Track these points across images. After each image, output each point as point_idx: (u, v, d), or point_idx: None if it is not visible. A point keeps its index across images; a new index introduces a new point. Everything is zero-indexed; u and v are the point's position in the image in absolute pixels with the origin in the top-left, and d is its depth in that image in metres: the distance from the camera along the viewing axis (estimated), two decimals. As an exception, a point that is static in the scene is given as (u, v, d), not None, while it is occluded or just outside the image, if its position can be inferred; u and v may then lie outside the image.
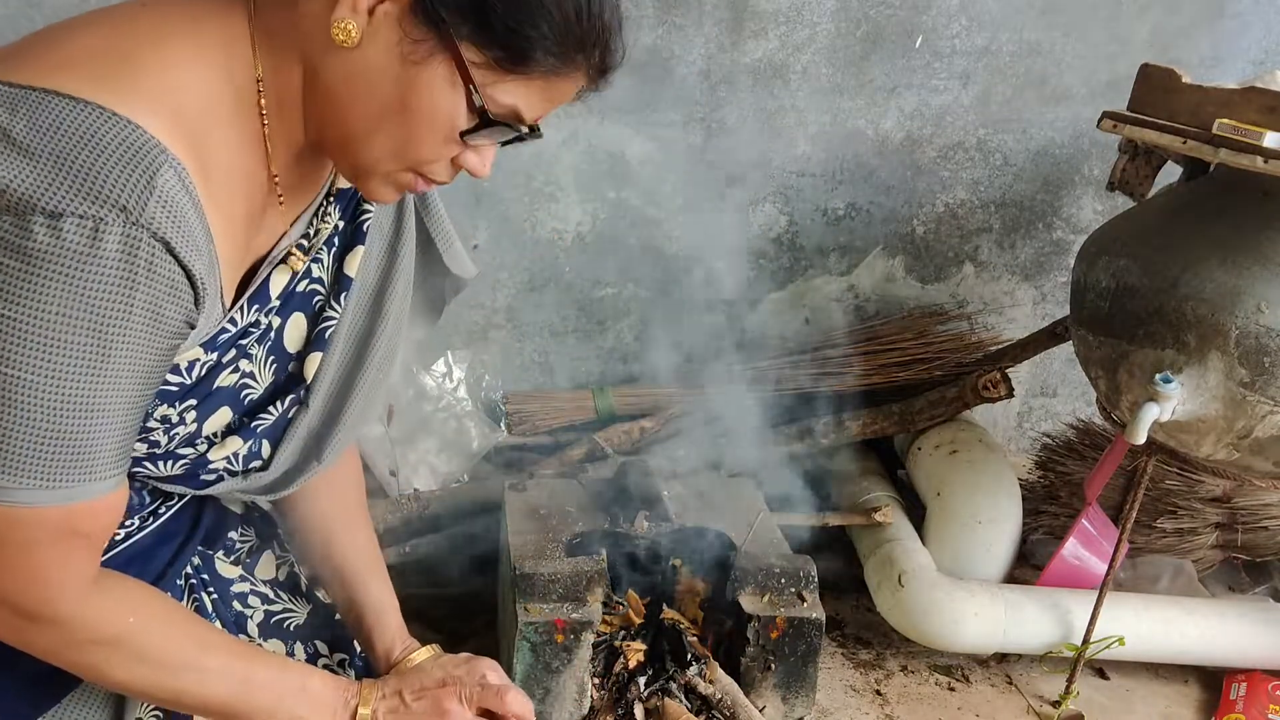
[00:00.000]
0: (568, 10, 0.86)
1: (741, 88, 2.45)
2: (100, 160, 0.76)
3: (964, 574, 2.08)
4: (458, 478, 2.38)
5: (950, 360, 2.49)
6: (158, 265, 0.79)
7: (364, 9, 0.84)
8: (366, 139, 0.90)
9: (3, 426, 0.78)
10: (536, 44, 0.85)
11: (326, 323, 1.05)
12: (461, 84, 0.86)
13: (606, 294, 2.59)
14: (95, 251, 0.76)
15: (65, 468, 0.82)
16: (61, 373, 0.78)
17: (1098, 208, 2.74)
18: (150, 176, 0.78)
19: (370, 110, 0.88)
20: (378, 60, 0.86)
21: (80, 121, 0.77)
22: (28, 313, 0.76)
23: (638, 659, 1.75)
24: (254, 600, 1.23)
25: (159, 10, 0.87)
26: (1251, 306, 1.57)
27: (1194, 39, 2.64)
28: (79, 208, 0.75)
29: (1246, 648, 2.03)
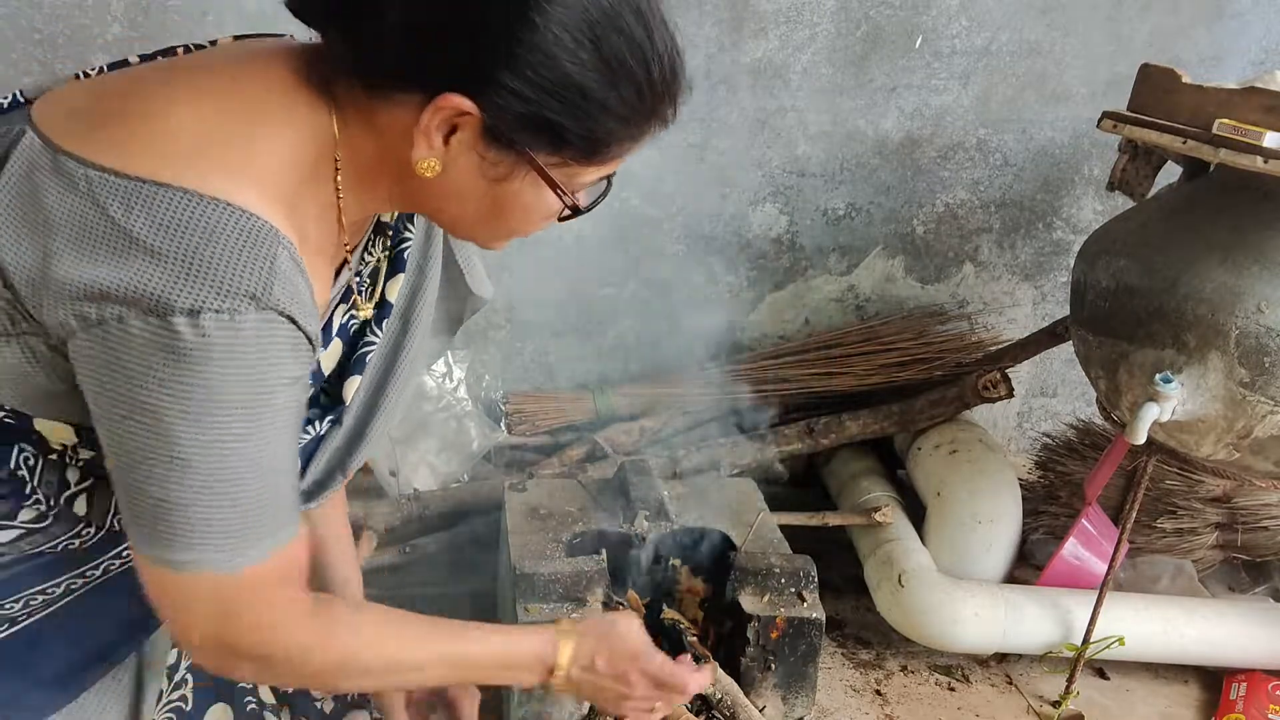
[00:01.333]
0: (631, 97, 0.89)
1: (741, 88, 2.45)
2: (226, 254, 0.81)
3: (964, 574, 2.08)
4: (458, 478, 2.38)
5: (950, 360, 2.49)
6: (288, 337, 0.86)
7: (439, 144, 0.89)
8: (469, 231, 1.00)
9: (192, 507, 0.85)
10: (610, 138, 0.91)
11: (366, 348, 1.09)
12: (548, 189, 0.92)
13: (606, 294, 2.58)
14: (236, 339, 0.82)
15: (268, 522, 0.90)
16: (235, 451, 0.85)
17: (1098, 208, 2.74)
18: (271, 262, 0.83)
19: (466, 215, 0.96)
20: (463, 181, 0.92)
21: (200, 217, 0.81)
22: (192, 403, 0.82)
23: (638, 659, 1.75)
24: None
25: (251, 83, 0.91)
26: (1251, 306, 1.57)
27: (1194, 39, 2.64)
28: (214, 302, 0.80)
29: (1246, 648, 2.03)
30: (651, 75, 0.89)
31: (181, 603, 0.91)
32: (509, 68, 0.84)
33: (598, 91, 0.87)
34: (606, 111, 0.88)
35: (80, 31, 2.05)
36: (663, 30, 0.90)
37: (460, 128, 0.88)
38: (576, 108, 0.87)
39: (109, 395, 0.83)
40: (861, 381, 2.50)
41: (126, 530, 0.90)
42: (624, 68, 0.88)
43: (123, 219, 0.81)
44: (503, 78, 0.85)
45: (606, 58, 0.86)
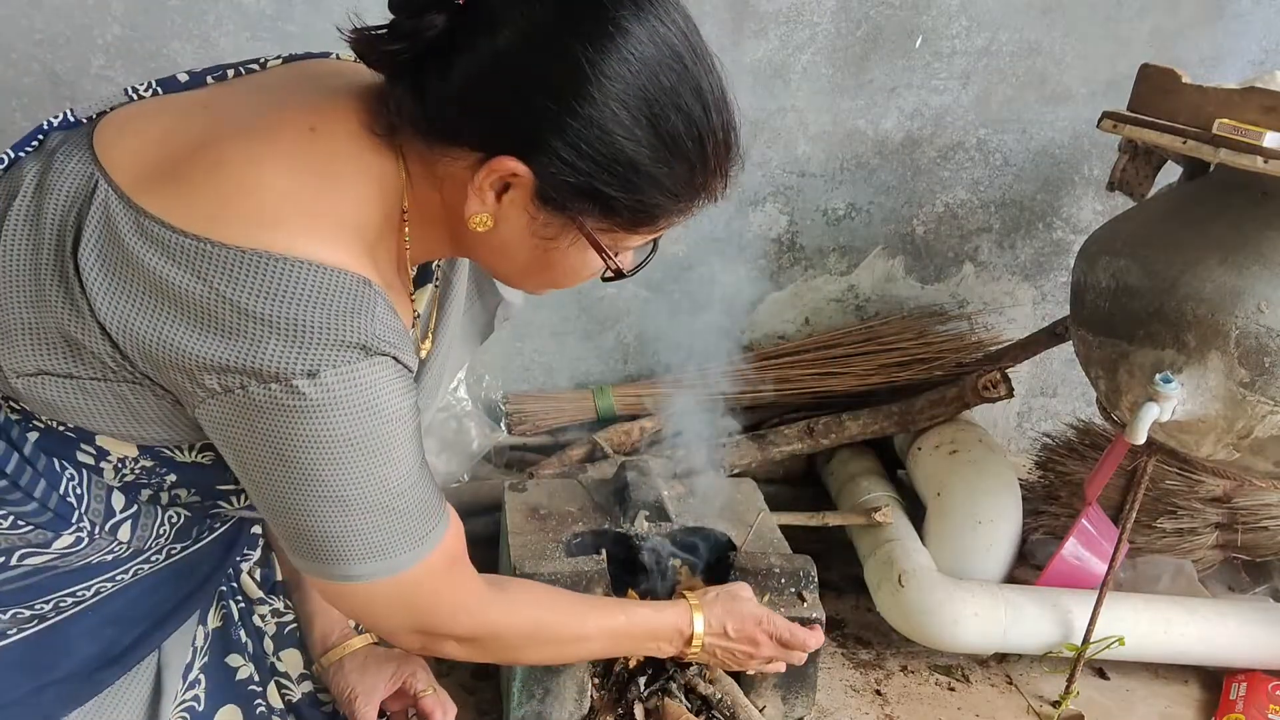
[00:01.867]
0: (682, 173, 0.92)
1: (741, 88, 2.44)
2: (333, 314, 0.86)
3: (964, 574, 2.08)
4: (458, 478, 2.38)
5: (950, 360, 2.49)
6: (394, 373, 0.92)
7: (491, 202, 0.92)
8: (524, 281, 1.05)
9: (360, 532, 0.94)
10: (660, 210, 0.94)
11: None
12: (595, 251, 0.96)
13: (606, 294, 2.58)
14: (355, 386, 0.88)
15: (420, 525, 0.98)
16: (378, 478, 0.92)
17: (1098, 208, 2.74)
18: (371, 312, 0.89)
19: (515, 268, 1.01)
20: (513, 237, 0.96)
21: (302, 282, 0.86)
22: (327, 451, 0.89)
23: (638, 659, 1.75)
24: (269, 616, 1.28)
25: (326, 136, 0.94)
26: (1251, 306, 1.57)
27: (1194, 39, 2.64)
28: (330, 358, 0.86)
29: (1246, 648, 2.03)
30: (705, 151, 0.92)
31: (371, 609, 1.02)
32: (563, 138, 0.87)
33: (650, 167, 0.90)
34: (657, 186, 0.91)
35: (80, 32, 2.05)
36: (721, 106, 0.94)
37: (513, 186, 0.91)
38: (628, 181, 0.90)
39: (250, 454, 0.90)
40: (861, 381, 2.50)
41: (293, 560, 0.98)
42: (678, 145, 0.90)
43: (230, 292, 0.85)
44: (557, 147, 0.87)
45: (662, 135, 0.89)
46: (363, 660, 1.30)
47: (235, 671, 1.21)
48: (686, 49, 0.92)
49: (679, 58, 0.91)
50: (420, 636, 1.07)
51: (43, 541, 0.98)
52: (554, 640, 1.19)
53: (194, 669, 1.16)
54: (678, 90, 0.90)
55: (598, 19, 0.86)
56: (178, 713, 1.13)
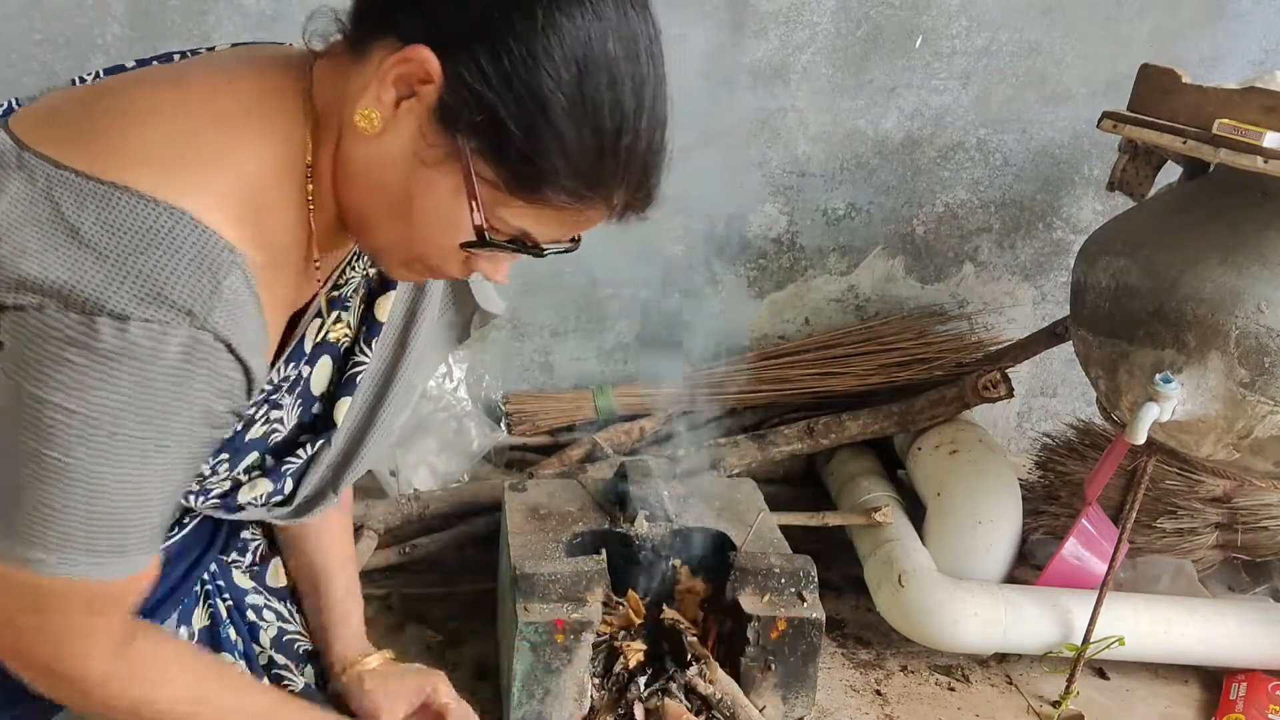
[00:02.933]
0: (588, 146, 0.83)
1: (741, 88, 2.45)
2: (169, 265, 0.78)
3: (964, 574, 2.08)
4: (458, 478, 2.38)
5: (950, 360, 2.49)
6: (218, 365, 0.82)
7: (389, 101, 0.84)
8: (377, 225, 0.92)
9: (57, 508, 0.81)
10: (548, 177, 0.84)
11: (356, 368, 1.07)
12: (466, 198, 0.85)
13: (606, 294, 2.58)
14: (159, 353, 0.78)
15: (109, 547, 0.84)
16: (117, 463, 0.81)
17: (1098, 208, 2.74)
18: (217, 282, 0.79)
19: (379, 199, 0.89)
20: (392, 152, 0.86)
21: (150, 222, 0.78)
22: (91, 407, 0.78)
23: (638, 659, 1.75)
24: (269, 615, 1.25)
25: (226, 90, 0.88)
26: (1251, 306, 1.57)
27: (1194, 39, 2.64)
28: (146, 312, 0.77)
29: (1246, 648, 2.03)
30: (619, 142, 0.84)
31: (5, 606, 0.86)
32: (489, 46, 0.80)
33: (559, 117, 0.81)
34: (558, 142, 0.82)
35: (80, 32, 2.05)
36: (655, 121, 0.87)
37: (416, 97, 0.83)
38: (531, 124, 0.81)
39: (7, 378, 0.79)
40: (861, 381, 2.50)
41: None
42: (595, 114, 0.82)
43: (72, 215, 0.78)
44: (478, 53, 0.80)
45: (585, 93, 0.82)
46: (384, 675, 1.26)
47: None
48: (646, 48, 0.85)
49: (634, 46, 0.84)
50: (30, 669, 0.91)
51: None
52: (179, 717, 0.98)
53: None
54: (619, 67, 0.82)
55: None
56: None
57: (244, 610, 1.22)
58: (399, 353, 1.12)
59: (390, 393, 1.12)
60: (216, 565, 1.20)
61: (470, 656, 1.97)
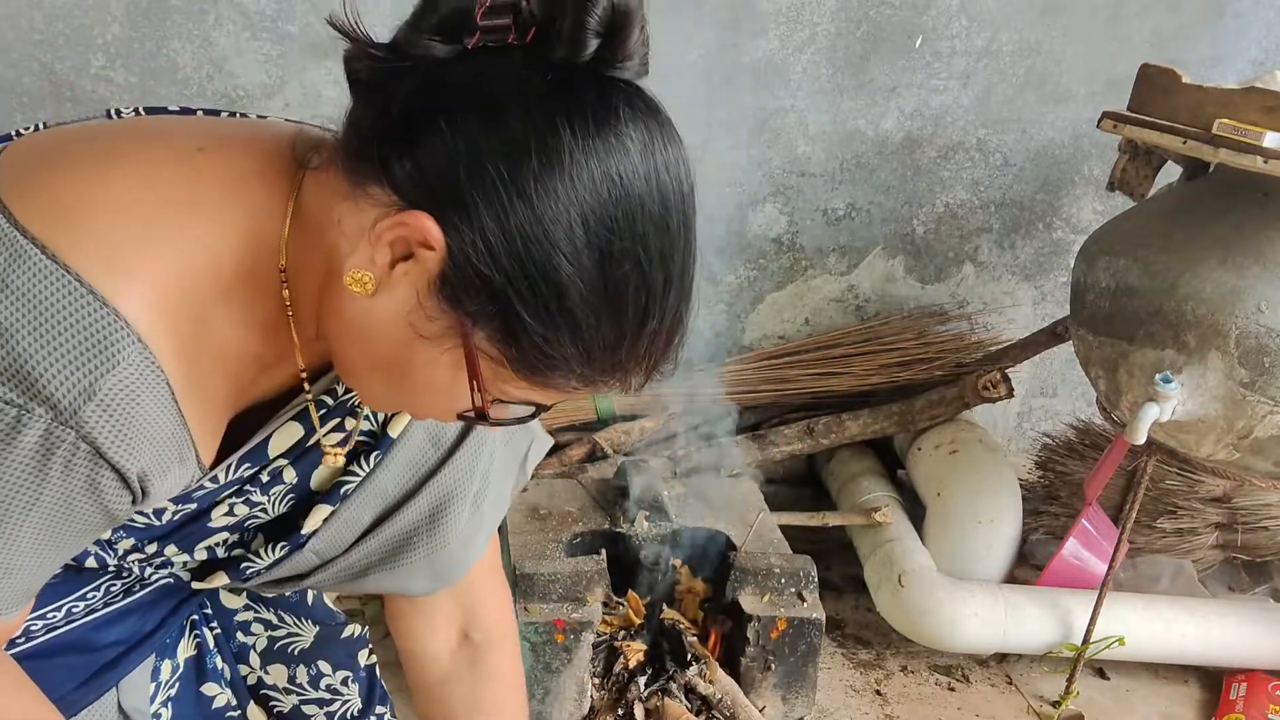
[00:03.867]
0: (606, 336, 0.74)
1: (741, 88, 2.45)
2: (48, 346, 0.69)
3: (964, 574, 2.08)
4: (458, 478, 2.37)
5: (950, 360, 2.49)
6: (77, 466, 0.73)
7: (383, 264, 0.73)
8: (365, 379, 0.83)
9: None
10: (563, 364, 0.75)
11: (349, 479, 0.97)
12: (467, 378, 0.76)
13: (606, 294, 2.58)
14: (12, 440, 0.70)
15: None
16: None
17: (1098, 208, 2.74)
18: (97, 377, 0.70)
19: (367, 357, 0.80)
20: (386, 318, 0.76)
21: (47, 293, 0.69)
22: None
23: (638, 659, 1.75)
24: (257, 627, 1.21)
25: (196, 162, 0.79)
26: (1251, 306, 1.57)
27: (1194, 39, 2.64)
28: (5, 393, 0.69)
29: (1246, 648, 2.03)
30: (643, 328, 0.76)
31: None
32: (499, 221, 0.70)
33: (577, 307, 0.72)
34: (574, 334, 0.73)
35: (80, 32, 2.05)
36: (681, 294, 0.79)
37: (414, 259, 0.73)
38: (545, 310, 0.72)
39: None
40: (861, 381, 2.50)
41: None
42: (618, 301, 0.74)
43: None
44: (486, 228, 0.70)
45: (607, 278, 0.73)
46: None
47: (211, 700, 1.14)
48: (678, 210, 0.77)
49: (666, 211, 0.76)
50: None
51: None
52: None
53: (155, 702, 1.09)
54: (648, 242, 0.74)
55: (599, 113, 0.72)
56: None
57: (232, 634, 1.17)
58: (425, 480, 1.01)
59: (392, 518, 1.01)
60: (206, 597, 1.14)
61: (470, 656, 1.97)
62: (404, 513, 1.00)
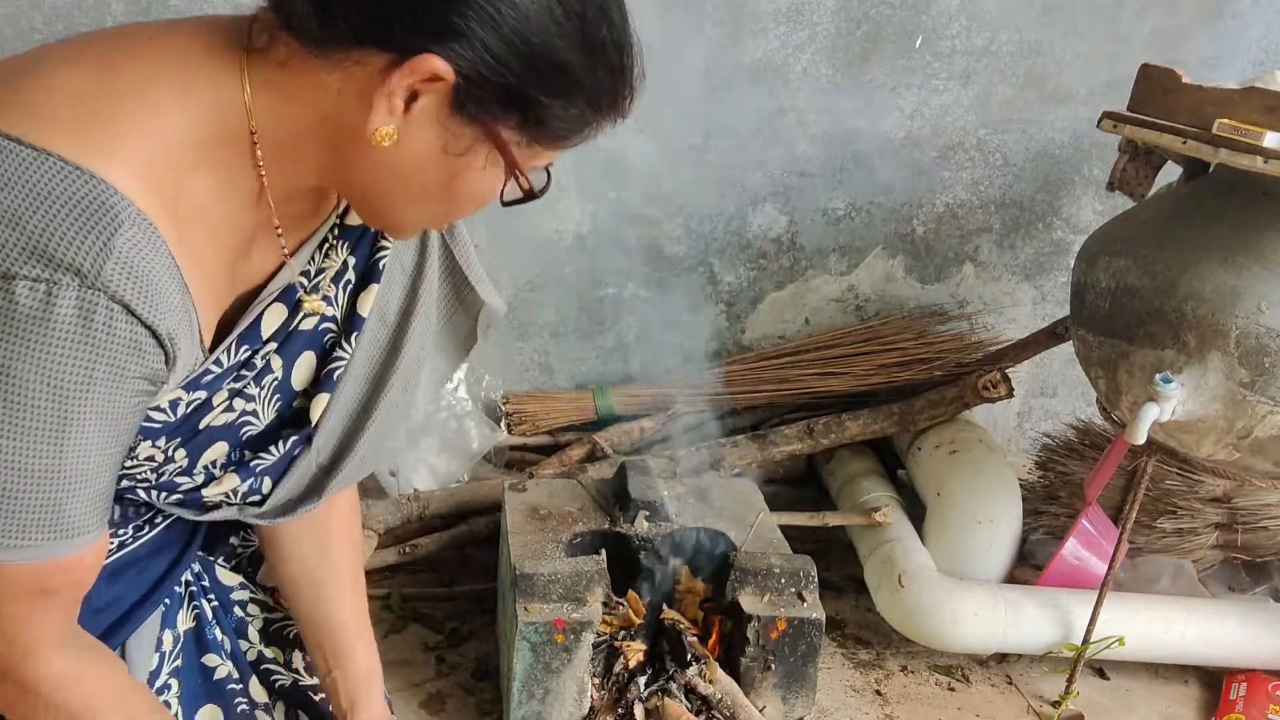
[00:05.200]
0: (604, 81, 0.85)
1: (741, 88, 2.45)
2: (55, 220, 0.73)
3: (964, 574, 2.08)
4: (458, 478, 2.38)
5: (950, 360, 2.49)
6: (117, 327, 0.76)
7: (399, 110, 0.80)
8: (406, 210, 0.91)
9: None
10: (578, 120, 0.86)
11: (335, 363, 1.02)
12: (505, 165, 0.85)
13: (606, 294, 2.58)
14: (49, 315, 0.73)
15: (35, 529, 0.79)
16: (24, 438, 0.76)
17: (1098, 208, 2.74)
18: (108, 237, 0.74)
19: (411, 193, 0.88)
20: (418, 153, 0.84)
21: (39, 176, 0.73)
22: None
23: (638, 659, 1.75)
24: (254, 608, 1.22)
25: (150, 50, 0.84)
26: (1251, 306, 1.57)
27: (1194, 39, 2.64)
28: (31, 270, 0.72)
29: (1246, 648, 2.03)
30: (625, 62, 0.86)
31: None
32: (491, 26, 0.77)
33: (578, 72, 0.82)
34: (582, 93, 0.83)
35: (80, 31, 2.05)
36: (625, 22, 0.87)
37: (424, 94, 0.80)
38: (553, 83, 0.81)
39: None
40: (861, 381, 2.50)
41: None
42: (603, 49, 0.83)
43: None
44: (482, 36, 0.77)
45: (590, 38, 0.82)
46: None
47: (213, 671, 1.15)
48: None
49: None
50: None
51: None
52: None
53: (162, 674, 1.10)
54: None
55: None
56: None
57: (230, 608, 1.19)
58: (390, 357, 1.07)
59: (381, 397, 1.07)
60: (200, 565, 1.16)
61: (470, 656, 1.97)
62: (388, 393, 1.06)
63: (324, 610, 1.21)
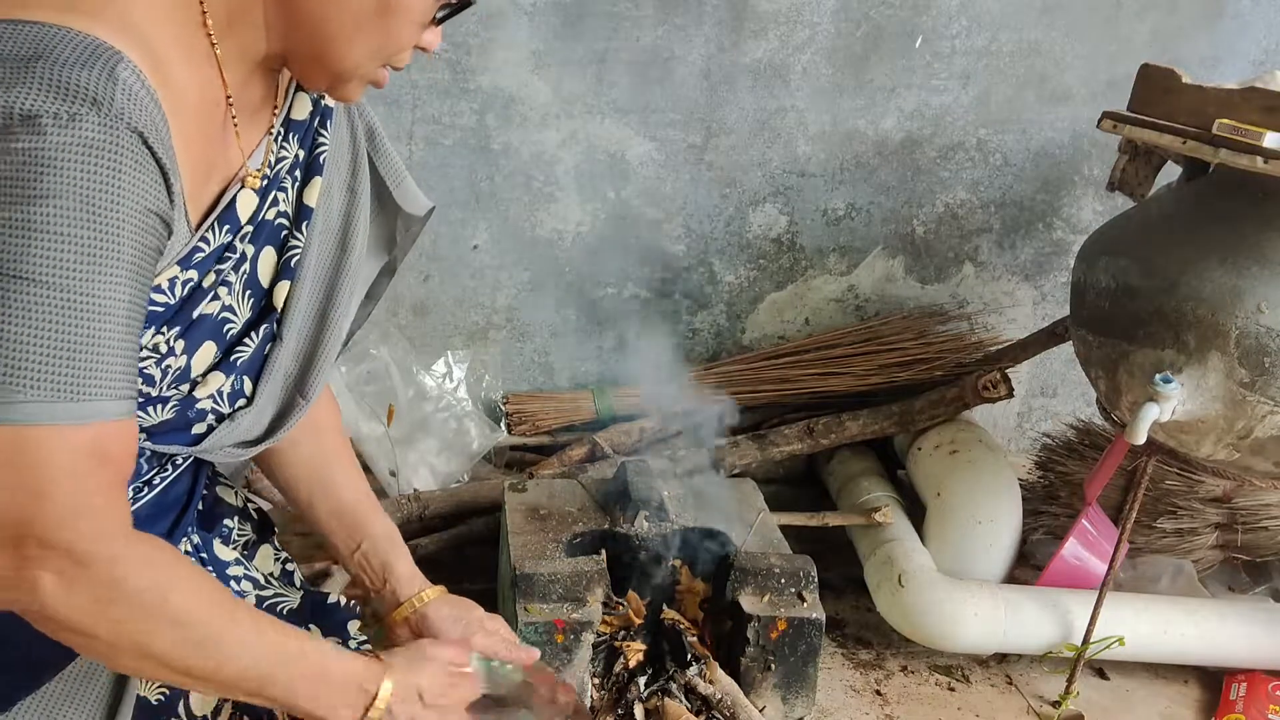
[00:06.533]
0: None
1: (741, 88, 2.45)
2: (61, 63, 0.77)
3: (964, 574, 2.08)
4: (458, 478, 2.38)
5: (950, 360, 2.49)
6: (137, 153, 0.80)
7: None
8: (347, 44, 0.94)
9: (10, 337, 0.76)
10: None
11: (291, 252, 1.07)
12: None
13: (606, 294, 2.58)
14: (78, 144, 0.77)
15: (79, 377, 0.78)
16: (64, 269, 0.77)
17: (1098, 208, 2.74)
18: (111, 70, 0.78)
19: (348, 19, 0.92)
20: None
21: (37, 37, 0.78)
22: (23, 213, 0.76)
23: (638, 659, 1.75)
24: (246, 585, 1.24)
25: None
26: (1251, 306, 1.57)
27: (1194, 39, 2.64)
28: (52, 106, 0.76)
29: (1246, 648, 2.03)
30: None
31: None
32: None
33: None
34: None
35: (80, 31, 2.06)
36: None
37: None
38: None
39: None
40: (861, 381, 2.50)
41: None
42: None
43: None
44: None
45: None
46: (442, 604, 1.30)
47: None
48: None
49: None
50: (14, 546, 0.78)
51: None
52: (189, 623, 0.87)
53: None
54: None
55: None
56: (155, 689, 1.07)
57: (226, 582, 1.20)
58: (341, 253, 1.13)
59: (338, 293, 1.12)
60: (200, 538, 1.18)
61: (470, 656, 1.97)
62: (343, 288, 1.13)
63: (334, 494, 1.29)
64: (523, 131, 2.40)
